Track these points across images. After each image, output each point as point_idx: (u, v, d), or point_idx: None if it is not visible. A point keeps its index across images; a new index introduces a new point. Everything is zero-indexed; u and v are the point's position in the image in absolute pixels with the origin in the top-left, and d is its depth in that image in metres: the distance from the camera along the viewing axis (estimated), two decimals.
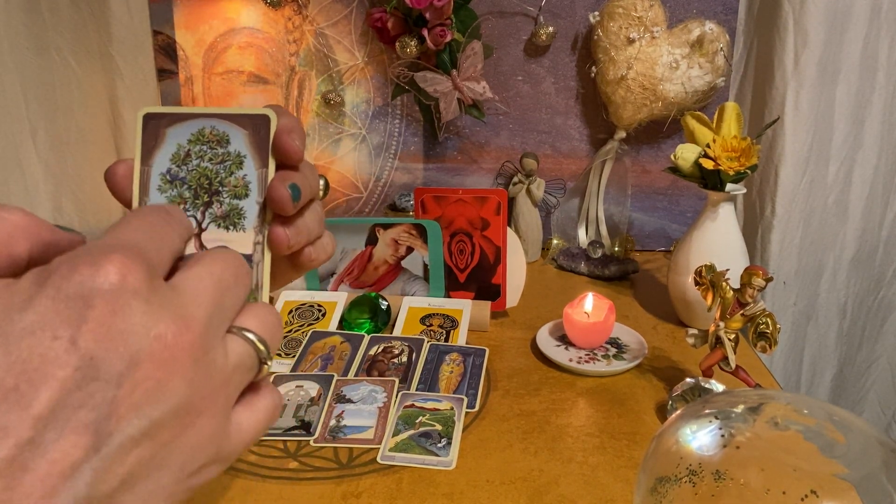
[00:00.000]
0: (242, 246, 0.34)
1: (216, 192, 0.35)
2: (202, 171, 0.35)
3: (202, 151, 0.35)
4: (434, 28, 1.06)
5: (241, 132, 0.35)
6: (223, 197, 0.35)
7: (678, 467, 0.45)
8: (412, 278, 0.97)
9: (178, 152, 0.35)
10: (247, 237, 0.35)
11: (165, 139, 0.35)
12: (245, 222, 0.35)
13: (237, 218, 0.35)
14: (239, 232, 0.34)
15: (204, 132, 0.35)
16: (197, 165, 0.35)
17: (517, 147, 1.20)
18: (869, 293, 1.24)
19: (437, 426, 0.70)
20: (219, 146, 0.35)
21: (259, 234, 0.34)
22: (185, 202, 0.35)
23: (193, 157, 0.35)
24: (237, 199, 0.35)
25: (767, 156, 1.14)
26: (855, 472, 0.41)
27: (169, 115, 0.35)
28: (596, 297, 0.87)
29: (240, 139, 0.35)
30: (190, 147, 0.35)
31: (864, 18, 1.07)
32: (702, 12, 1.11)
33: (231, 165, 0.35)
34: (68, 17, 1.09)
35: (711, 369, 0.74)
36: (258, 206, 0.35)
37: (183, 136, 0.35)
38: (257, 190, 0.35)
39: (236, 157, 0.35)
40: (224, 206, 0.35)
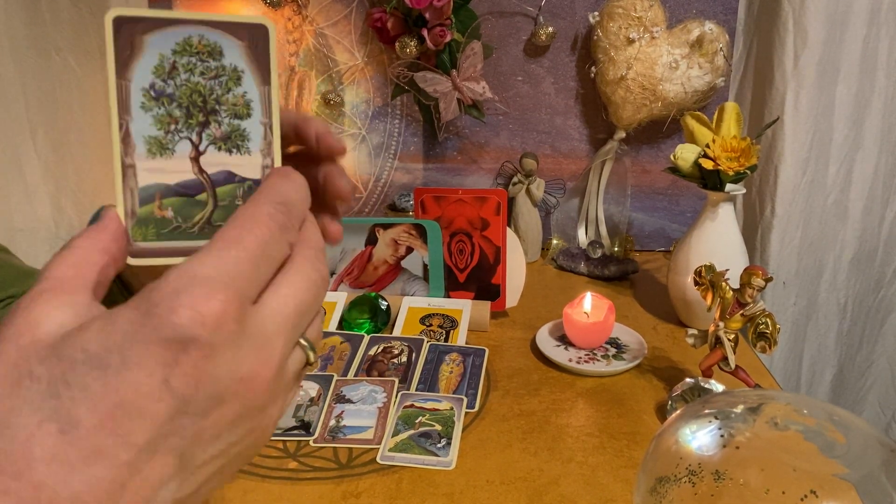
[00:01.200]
0: (249, 170, 0.31)
1: (213, 110, 0.31)
2: (193, 86, 0.31)
3: (191, 64, 0.31)
4: (434, 28, 1.06)
5: (235, 43, 0.31)
6: (221, 116, 0.31)
7: (678, 467, 0.45)
8: (412, 278, 0.97)
9: (162, 64, 0.31)
10: (253, 160, 0.32)
11: (144, 48, 0.30)
12: (250, 144, 0.32)
13: (240, 140, 0.31)
14: (244, 155, 0.31)
15: (191, 42, 0.31)
16: (187, 80, 0.31)
17: (517, 147, 1.20)
18: (869, 293, 1.24)
19: (436, 426, 0.70)
20: (211, 58, 0.31)
21: (267, 156, 0.32)
22: (177, 121, 0.31)
23: (181, 70, 0.31)
24: (238, 119, 0.31)
25: (767, 156, 1.14)
26: (855, 472, 0.41)
27: (146, 19, 0.30)
28: (595, 297, 0.87)
29: (235, 51, 0.31)
30: (175, 58, 0.31)
31: (864, 18, 1.07)
32: (701, 12, 1.11)
33: (228, 81, 0.31)
34: (68, 17, 1.09)
35: (711, 369, 0.74)
36: (263, 126, 0.31)
37: (166, 45, 0.30)
38: (261, 109, 0.31)
39: (233, 72, 0.31)
40: (223, 127, 0.31)
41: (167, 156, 0.31)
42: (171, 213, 0.31)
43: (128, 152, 0.31)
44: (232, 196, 0.31)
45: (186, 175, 0.31)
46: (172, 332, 0.24)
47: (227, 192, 0.31)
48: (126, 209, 0.31)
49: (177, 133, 0.31)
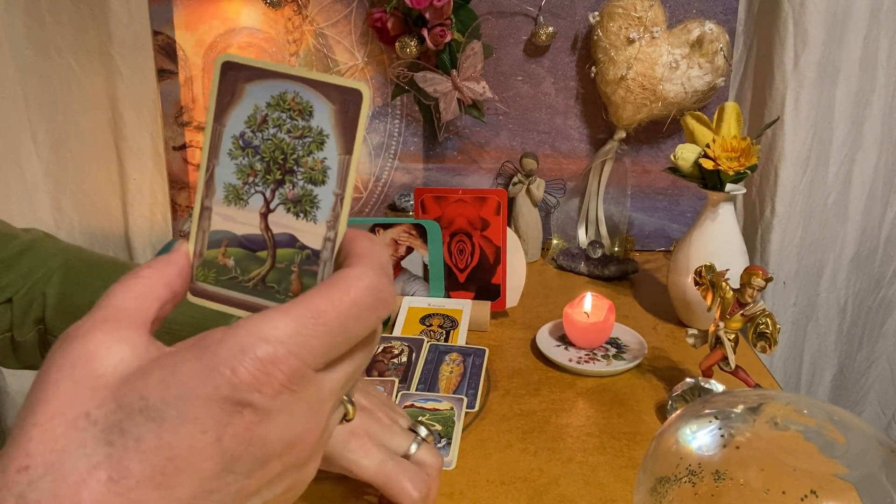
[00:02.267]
0: (311, 239, 0.31)
1: (290, 170, 0.31)
2: (278, 142, 0.31)
3: (281, 119, 0.31)
4: (434, 28, 1.06)
5: (327, 106, 0.30)
6: (297, 178, 0.31)
7: (678, 467, 0.45)
8: (412, 278, 0.97)
9: (255, 115, 0.31)
10: (317, 230, 0.30)
11: (243, 96, 0.31)
12: (317, 213, 0.30)
13: (309, 206, 0.31)
14: (309, 222, 0.31)
15: (286, 97, 0.30)
16: (273, 135, 0.31)
17: (517, 147, 1.20)
18: (869, 293, 1.24)
19: (436, 426, 0.70)
20: (300, 118, 0.30)
21: (332, 229, 0.30)
22: (256, 174, 0.31)
23: (270, 124, 0.31)
24: (312, 185, 0.30)
25: (767, 156, 1.14)
26: (855, 472, 0.41)
27: (251, 68, 0.30)
28: (595, 297, 0.87)
29: (325, 114, 0.30)
30: (268, 112, 0.31)
31: (864, 18, 1.07)
32: (702, 12, 1.11)
33: (311, 143, 0.30)
34: (68, 17, 1.09)
35: (711, 369, 0.74)
36: (335, 197, 0.30)
37: (262, 96, 0.30)
38: (336, 179, 0.30)
39: (318, 135, 0.30)
40: (297, 189, 0.31)
41: (241, 206, 0.31)
42: (233, 262, 0.32)
43: (208, 195, 0.32)
44: (289, 261, 0.31)
45: (253, 229, 0.31)
46: (231, 393, 0.24)
47: (285, 256, 0.31)
48: (196, 249, 0.32)
49: (254, 186, 0.31)
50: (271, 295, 0.31)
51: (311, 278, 0.30)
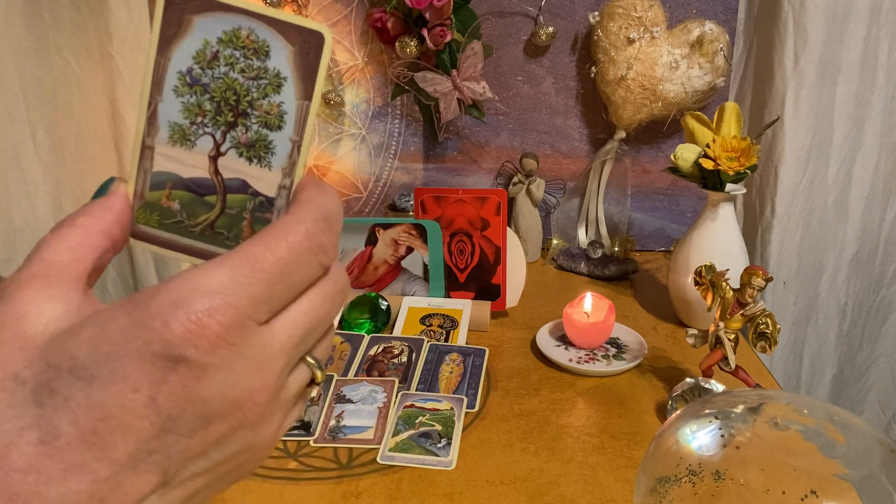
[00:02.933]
0: (265, 186, 0.29)
1: (243, 112, 0.29)
2: (230, 82, 0.29)
3: (233, 57, 0.29)
4: (434, 28, 1.06)
5: (285, 47, 0.28)
6: (251, 121, 0.29)
7: (678, 467, 0.45)
8: (412, 278, 0.97)
9: (205, 50, 0.29)
10: (272, 176, 0.29)
11: (191, 29, 0.29)
12: (273, 159, 0.29)
13: (263, 151, 0.29)
14: (263, 168, 0.29)
15: (240, 34, 0.28)
16: (225, 74, 0.29)
17: (517, 147, 1.20)
18: (869, 293, 1.24)
19: (436, 426, 0.70)
20: (255, 57, 0.29)
21: (287, 177, 0.29)
22: (205, 115, 0.29)
23: (222, 61, 0.29)
24: (267, 129, 0.29)
25: (767, 156, 1.14)
26: (855, 472, 0.41)
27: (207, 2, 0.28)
28: (595, 297, 0.87)
29: (283, 55, 0.28)
30: (220, 48, 0.29)
31: (864, 18, 1.07)
32: (702, 12, 1.11)
33: (266, 86, 0.29)
34: (68, 17, 1.09)
35: (711, 369, 0.74)
36: (291, 143, 0.29)
37: (213, 30, 0.28)
38: (293, 125, 0.29)
39: (274, 77, 0.29)
40: (250, 133, 0.29)
41: (187, 147, 0.29)
42: (178, 206, 0.30)
43: (150, 133, 0.30)
44: (241, 207, 0.30)
45: (201, 172, 0.29)
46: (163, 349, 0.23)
47: (236, 202, 0.30)
48: (136, 190, 0.30)
49: (202, 126, 0.29)
50: (220, 241, 0.30)
51: (264, 226, 0.29)
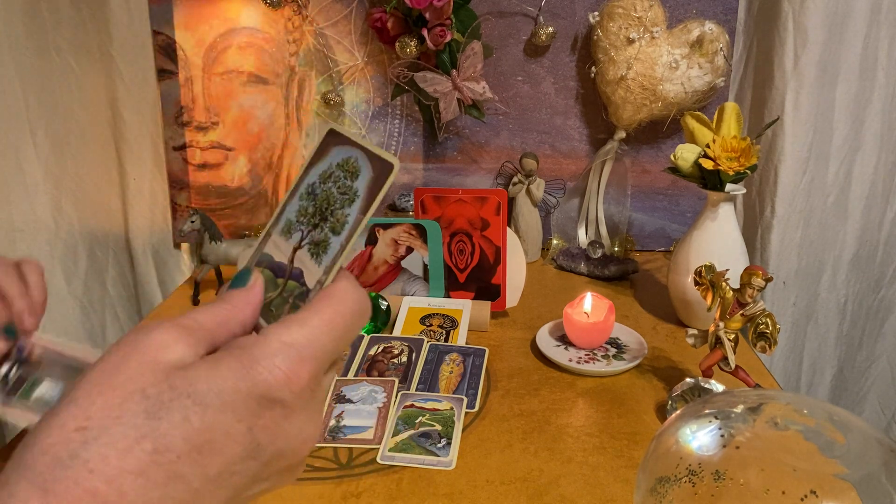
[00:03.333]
0: (310, 278, 0.35)
1: (325, 218, 0.36)
2: (328, 194, 0.36)
3: (338, 177, 0.36)
4: (434, 28, 1.06)
5: (368, 172, 0.35)
6: (326, 225, 0.35)
7: (678, 467, 0.45)
8: (412, 278, 0.97)
9: (327, 171, 0.36)
10: (317, 271, 0.35)
11: (327, 156, 0.37)
12: (324, 257, 0.35)
13: (322, 250, 0.35)
14: (315, 263, 0.35)
15: (349, 161, 0.36)
16: (329, 189, 0.36)
17: (517, 147, 1.20)
18: (869, 293, 1.24)
19: (436, 426, 0.70)
20: (350, 179, 0.36)
21: (326, 273, 0.34)
22: (306, 216, 0.36)
23: (331, 180, 0.36)
24: (332, 233, 0.35)
25: (767, 156, 1.14)
26: (855, 472, 0.41)
27: (342, 136, 0.36)
28: (595, 297, 0.87)
29: (364, 178, 0.35)
30: (335, 170, 0.36)
31: (863, 18, 1.07)
32: (702, 12, 1.11)
33: (346, 200, 0.35)
34: (68, 17, 1.09)
35: (711, 369, 0.74)
36: (340, 247, 0.35)
37: (337, 158, 0.36)
38: (346, 233, 0.35)
39: (353, 195, 0.35)
40: (321, 234, 0.35)
41: (286, 238, 0.37)
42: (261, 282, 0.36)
43: (275, 224, 0.37)
44: (290, 293, 0.35)
45: (284, 259, 0.36)
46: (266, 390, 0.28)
47: (291, 288, 0.36)
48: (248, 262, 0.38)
49: (300, 224, 0.36)
50: (269, 317, 0.35)
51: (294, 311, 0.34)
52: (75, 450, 0.25)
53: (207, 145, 1.19)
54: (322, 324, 0.31)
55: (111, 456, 0.25)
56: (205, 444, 0.27)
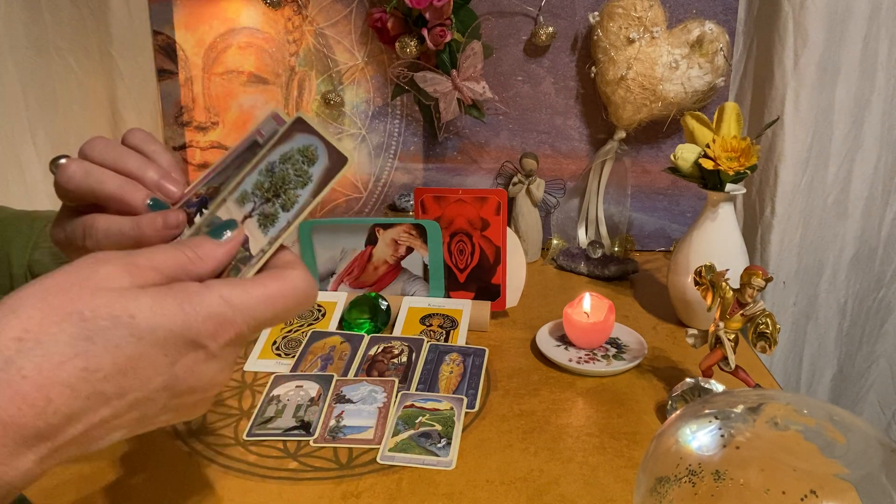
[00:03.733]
0: (255, 245, 0.39)
1: (277, 195, 0.40)
2: (285, 174, 0.41)
3: (296, 161, 0.41)
4: (434, 28, 1.06)
5: (324, 160, 0.40)
6: (277, 202, 0.40)
7: (678, 467, 0.45)
8: (412, 278, 0.97)
9: (287, 153, 0.41)
10: (262, 241, 0.40)
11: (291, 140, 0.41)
12: (270, 230, 0.40)
13: (270, 223, 0.40)
14: (262, 233, 0.40)
15: (309, 148, 0.41)
16: (285, 169, 0.41)
17: (517, 147, 1.20)
18: (869, 293, 1.24)
19: (436, 426, 0.70)
20: (306, 164, 0.41)
21: (269, 244, 0.39)
22: (261, 190, 0.41)
23: (290, 162, 0.41)
24: (282, 209, 0.40)
25: (767, 156, 1.14)
26: (855, 472, 0.41)
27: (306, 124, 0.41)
28: (595, 297, 0.87)
29: (320, 166, 0.40)
30: (294, 153, 0.41)
31: (863, 18, 1.07)
32: (701, 12, 1.11)
33: (299, 182, 0.40)
34: (68, 17, 1.09)
35: (711, 369, 0.74)
36: (286, 223, 0.40)
37: (299, 143, 0.41)
38: (295, 211, 0.40)
39: (306, 178, 0.40)
40: (272, 209, 0.40)
41: (238, 206, 0.41)
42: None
43: (232, 192, 0.42)
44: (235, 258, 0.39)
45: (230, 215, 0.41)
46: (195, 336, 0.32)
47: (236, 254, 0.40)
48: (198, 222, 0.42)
49: (254, 196, 0.41)
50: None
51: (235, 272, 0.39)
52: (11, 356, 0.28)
53: (207, 145, 1.19)
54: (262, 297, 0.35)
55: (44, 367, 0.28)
56: (130, 369, 0.30)
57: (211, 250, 0.36)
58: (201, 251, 0.36)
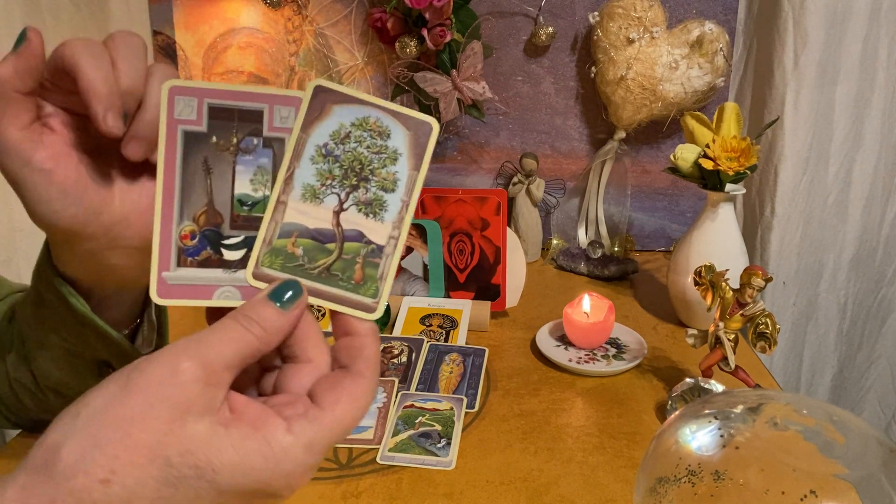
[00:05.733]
0: (378, 235, 0.36)
1: (365, 178, 0.36)
2: (357, 155, 0.36)
3: (362, 137, 0.37)
4: (434, 28, 1.06)
5: (403, 131, 0.37)
6: (370, 185, 0.36)
7: (678, 467, 0.45)
8: (412, 278, 0.97)
9: (339, 131, 0.36)
10: (384, 228, 0.36)
11: (330, 115, 0.36)
12: (385, 214, 0.36)
13: (379, 208, 0.36)
14: (377, 222, 0.36)
15: (368, 120, 0.37)
16: (353, 149, 0.36)
17: (517, 147, 1.20)
18: (869, 293, 1.24)
19: (436, 426, 0.70)
20: (379, 138, 0.37)
21: (396, 228, 0.36)
22: (334, 179, 0.36)
23: (352, 139, 0.36)
24: (383, 191, 0.36)
25: (767, 156, 1.14)
26: (854, 472, 0.41)
27: (339, 93, 0.36)
28: (595, 297, 0.87)
29: (401, 137, 0.37)
30: (352, 130, 0.36)
31: (863, 18, 1.07)
32: (701, 12, 1.11)
33: (386, 159, 0.37)
34: (68, 17, 1.09)
35: (711, 369, 0.74)
36: (402, 203, 0.36)
37: (347, 117, 0.36)
38: (405, 189, 0.36)
39: (392, 153, 0.37)
40: (369, 194, 0.36)
41: (316, 203, 0.36)
42: (301, 251, 0.36)
43: (285, 191, 0.36)
44: (356, 253, 0.36)
45: (325, 224, 0.36)
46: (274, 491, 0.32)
47: (352, 249, 0.36)
48: (265, 237, 0.36)
49: (330, 188, 0.36)
50: (335, 282, 0.36)
51: (373, 269, 0.36)
52: (98, 499, 0.28)
53: None
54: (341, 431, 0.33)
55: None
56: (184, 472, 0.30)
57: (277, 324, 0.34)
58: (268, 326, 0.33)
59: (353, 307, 0.35)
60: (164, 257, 0.36)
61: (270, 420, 0.32)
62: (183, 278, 0.36)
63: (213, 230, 0.36)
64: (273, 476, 0.31)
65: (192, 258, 0.36)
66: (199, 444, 0.30)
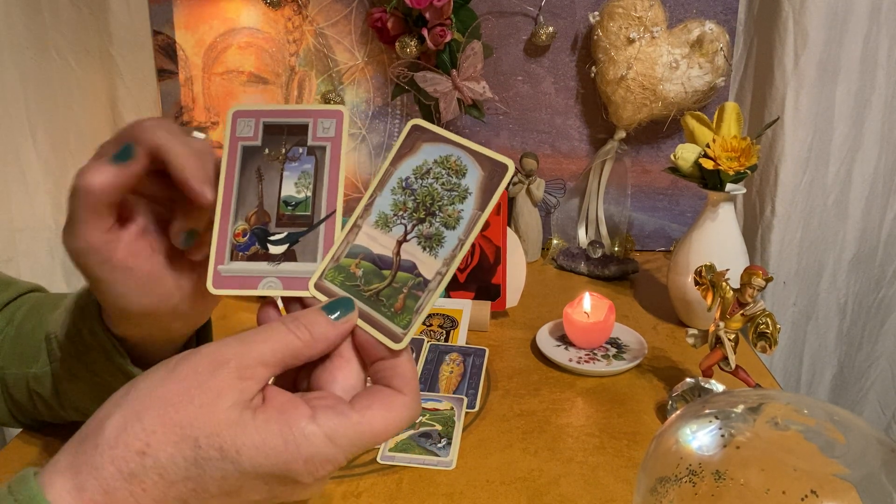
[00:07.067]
0: (427, 269, 0.38)
1: (433, 213, 0.38)
2: (431, 190, 0.39)
3: (440, 174, 0.39)
4: (434, 28, 1.06)
5: (477, 171, 0.39)
6: (436, 220, 0.38)
7: (678, 467, 0.45)
8: None
9: (422, 166, 0.39)
10: (434, 263, 0.38)
11: (418, 152, 0.39)
12: (441, 250, 0.38)
13: (436, 243, 0.38)
14: (431, 256, 0.38)
15: (449, 159, 0.39)
16: (430, 185, 0.39)
17: (517, 147, 1.20)
18: (869, 293, 1.24)
19: (437, 426, 0.70)
20: (455, 175, 0.39)
21: (446, 266, 0.37)
22: (406, 210, 0.39)
23: (431, 175, 0.39)
24: (444, 227, 0.38)
25: (767, 156, 1.14)
26: (855, 472, 0.41)
27: (431, 132, 0.39)
28: (595, 296, 0.87)
29: (474, 177, 0.39)
30: (433, 166, 0.39)
31: (864, 18, 1.07)
32: (702, 12, 1.11)
33: (455, 197, 0.38)
34: (68, 17, 1.09)
35: (711, 369, 0.74)
36: (458, 241, 0.38)
37: (432, 154, 0.39)
38: (465, 227, 0.38)
39: (463, 192, 0.39)
40: (432, 229, 0.38)
41: (385, 231, 0.39)
42: (361, 273, 0.38)
43: (363, 216, 0.39)
44: (404, 283, 0.38)
45: (387, 251, 0.38)
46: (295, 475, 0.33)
47: (402, 279, 0.38)
48: (335, 254, 0.39)
49: (400, 218, 0.39)
50: (378, 306, 0.37)
51: (413, 301, 0.37)
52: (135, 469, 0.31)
53: None
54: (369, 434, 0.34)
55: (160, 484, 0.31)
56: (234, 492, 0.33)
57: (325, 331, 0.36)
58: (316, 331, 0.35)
59: (383, 333, 0.37)
60: (220, 253, 0.39)
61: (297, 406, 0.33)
62: (233, 271, 0.39)
63: (261, 228, 0.40)
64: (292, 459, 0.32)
65: (243, 253, 0.39)
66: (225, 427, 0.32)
